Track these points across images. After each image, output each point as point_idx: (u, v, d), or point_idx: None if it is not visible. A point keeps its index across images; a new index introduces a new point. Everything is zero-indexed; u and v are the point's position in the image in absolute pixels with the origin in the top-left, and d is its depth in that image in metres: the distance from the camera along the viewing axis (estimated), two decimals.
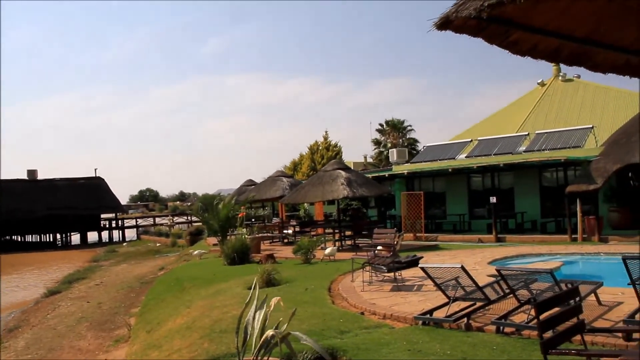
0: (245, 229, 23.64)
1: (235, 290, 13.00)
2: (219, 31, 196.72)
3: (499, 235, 21.80)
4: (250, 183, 33.51)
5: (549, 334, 4.22)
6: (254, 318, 4.33)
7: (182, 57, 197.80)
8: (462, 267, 8.37)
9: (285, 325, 4.37)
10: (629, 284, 7.75)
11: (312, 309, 10.16)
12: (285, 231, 26.35)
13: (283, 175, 28.68)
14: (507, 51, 3.48)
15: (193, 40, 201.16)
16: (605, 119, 27.58)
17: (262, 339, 3.97)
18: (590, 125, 24.91)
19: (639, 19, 3.83)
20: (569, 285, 8.13)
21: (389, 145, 48.10)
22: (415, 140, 51.93)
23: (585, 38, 3.72)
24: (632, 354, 3.25)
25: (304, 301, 10.90)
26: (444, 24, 2.94)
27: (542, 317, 4.27)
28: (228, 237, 21.61)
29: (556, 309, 4.83)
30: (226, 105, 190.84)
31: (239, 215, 22.52)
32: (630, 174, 20.51)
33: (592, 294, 8.96)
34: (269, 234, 27.05)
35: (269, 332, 3.96)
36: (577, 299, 7.48)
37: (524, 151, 24.63)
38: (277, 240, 26.38)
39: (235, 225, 22.24)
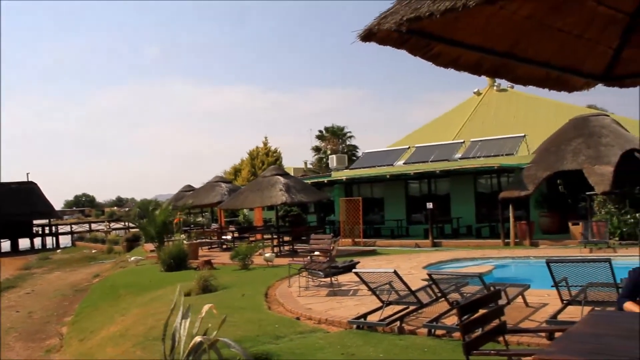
0: (183, 235, 23.35)
1: (171, 297, 12.73)
2: (159, 37, 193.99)
3: (435, 240, 22.25)
4: (189, 188, 33.12)
5: (475, 334, 4.38)
6: (181, 325, 4.31)
7: (121, 62, 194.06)
8: (395, 272, 8.52)
9: (215, 331, 4.37)
10: (552, 286, 8.07)
11: (248, 314, 10.15)
12: (224, 237, 26.16)
13: (222, 180, 28.50)
14: (430, 63, 3.61)
15: (133, 46, 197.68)
16: (537, 128, 28.47)
17: (190, 346, 3.96)
18: (523, 134, 25.74)
19: (555, 35, 4.04)
20: (498, 288, 8.39)
21: (329, 151, 48.44)
22: (355, 147, 52.51)
23: (505, 52, 3.88)
24: (546, 352, 3.40)
25: (241, 307, 10.88)
26: (368, 35, 3.01)
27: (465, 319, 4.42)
28: (165, 244, 21.30)
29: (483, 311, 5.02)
30: (167, 110, 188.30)
31: (175, 221, 22.20)
32: (559, 181, 21.29)
33: (520, 296, 9.28)
34: (207, 240, 26.79)
35: (197, 339, 3.95)
36: (500, 301, 7.75)
37: (460, 158, 25.24)
38: (216, 246, 26.15)
39: (172, 231, 21.94)
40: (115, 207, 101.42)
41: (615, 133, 21.42)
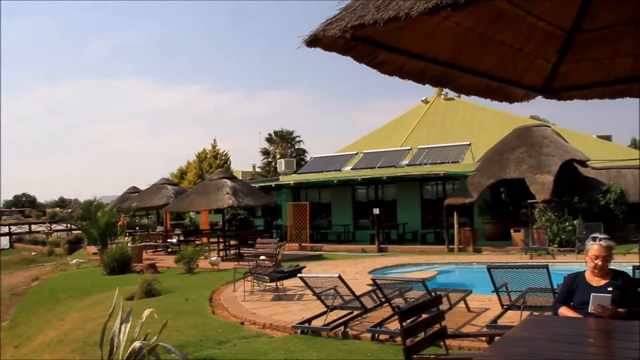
0: (128, 238, 22.91)
1: (113, 301, 12.55)
2: (104, 33, 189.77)
3: (381, 246, 22.48)
4: (134, 190, 32.51)
5: (417, 339, 4.45)
6: (120, 329, 4.23)
7: (64, 57, 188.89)
8: (340, 277, 8.57)
9: (156, 336, 4.31)
10: (492, 292, 8.26)
11: (191, 319, 10.03)
12: (169, 240, 25.80)
13: (168, 183, 28.09)
14: (376, 70, 3.66)
15: (76, 41, 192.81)
16: (482, 137, 29.13)
17: (128, 351, 3.89)
18: (468, 142, 26.30)
19: (496, 48, 4.16)
20: (440, 293, 8.53)
21: (278, 155, 48.40)
22: (304, 151, 52.63)
23: (448, 62, 3.96)
24: (482, 356, 3.49)
25: (184, 311, 10.75)
26: (313, 41, 3.03)
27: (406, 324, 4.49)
28: (109, 246, 20.85)
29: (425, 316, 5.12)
30: (112, 109, 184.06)
31: (119, 223, 21.76)
32: (502, 189, 21.82)
33: (462, 301, 9.47)
34: (152, 243, 26.36)
35: (136, 344, 3.89)
36: (441, 306, 7.88)
37: (407, 165, 25.61)
38: (161, 249, 25.76)
39: (116, 233, 21.49)
40: (58, 208, 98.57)
41: (555, 143, 22.11)
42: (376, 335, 8.01)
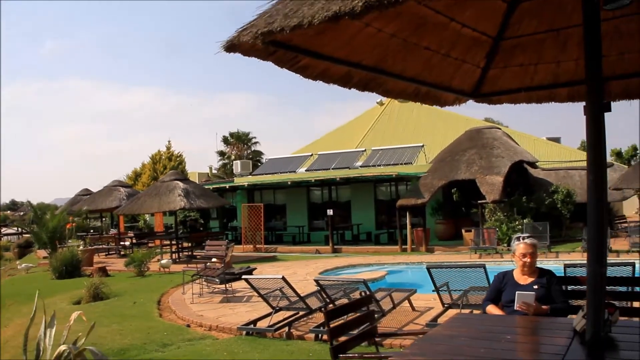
0: (81, 241, 22.50)
1: (59, 305, 12.38)
2: (57, 32, 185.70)
3: (335, 247, 22.63)
4: (86, 192, 31.94)
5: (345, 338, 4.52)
6: (45, 334, 4.19)
7: (15, 57, 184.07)
8: (284, 278, 8.62)
9: (83, 339, 4.28)
10: (433, 291, 8.42)
11: (137, 322, 9.96)
12: (122, 243, 25.43)
13: (121, 184, 27.66)
14: (299, 75, 3.71)
15: (29, 41, 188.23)
16: (436, 138, 29.57)
17: (54, 355, 3.86)
18: (421, 144, 26.65)
19: (421, 53, 4.25)
20: (368, 294, 8.66)
21: (234, 157, 48.19)
22: (260, 153, 52.50)
23: (373, 67, 4.03)
24: (401, 354, 3.58)
25: (130, 315, 10.67)
26: (231, 47, 3.07)
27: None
28: (59, 250, 20.44)
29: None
30: (65, 110, 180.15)
31: (67, 226, 21.36)
32: (453, 190, 22.18)
33: (407, 300, 9.62)
34: (104, 246, 25.93)
35: (62, 348, 3.86)
36: (372, 306, 8.01)
37: (360, 166, 25.81)
38: (114, 252, 25.37)
39: (66, 236, 21.08)
40: (9, 211, 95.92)
41: (505, 145, 22.59)
42: (319, 335, 8.08)
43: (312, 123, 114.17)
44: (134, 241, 24.26)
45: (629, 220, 21.07)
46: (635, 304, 5.92)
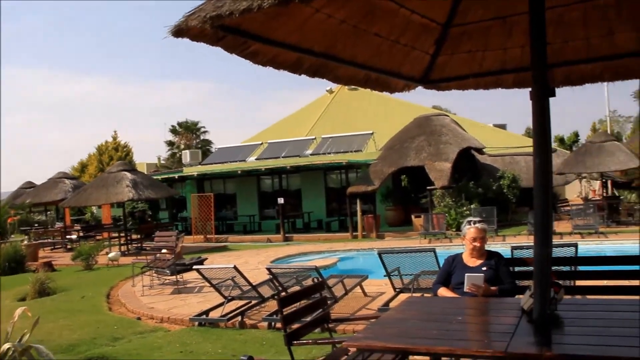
0: (25, 236, 21.85)
1: (2, 303, 11.99)
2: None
3: (286, 235, 22.63)
4: (29, 185, 31.04)
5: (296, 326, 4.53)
6: None
7: None
8: (235, 267, 8.58)
9: (27, 336, 4.15)
10: (385, 276, 8.52)
11: (86, 317, 9.76)
12: (68, 236, 24.79)
13: (66, 177, 26.97)
14: (249, 61, 3.67)
15: None
16: (385, 126, 29.79)
17: None
18: (371, 132, 26.82)
19: (371, 40, 4.25)
20: (320, 280, 8.72)
21: (183, 146, 47.59)
22: (210, 142, 52.05)
23: (323, 53, 4.01)
24: (354, 338, 3.61)
25: (79, 310, 10.45)
26: (179, 32, 3.00)
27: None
28: (2, 245, 19.80)
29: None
30: (7, 100, 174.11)
31: (9, 220, 20.71)
32: (403, 176, 22.45)
33: (359, 286, 9.70)
34: (49, 240, 25.25)
35: (6, 346, 3.73)
36: (336, 292, 8.09)
37: (311, 154, 25.85)
38: (60, 246, 24.71)
39: (7, 231, 20.42)
40: None
41: (453, 132, 22.98)
42: (272, 323, 8.08)
43: (261, 112, 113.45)
44: (81, 234, 23.70)
45: (571, 204, 21.72)
46: (578, 283, 6.12)
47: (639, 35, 4.29)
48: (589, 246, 14.34)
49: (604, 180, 23.04)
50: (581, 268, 6.32)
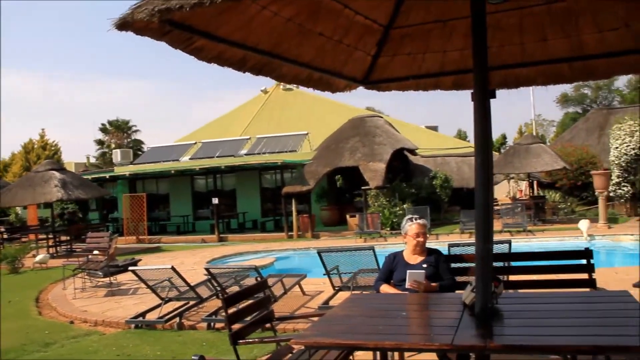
0: None
1: None
2: None
3: (221, 235, 22.44)
4: None
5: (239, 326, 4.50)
6: None
7: None
8: (173, 268, 8.44)
9: None
10: (324, 274, 8.57)
11: (14, 323, 9.41)
12: None
13: None
14: (193, 57, 3.63)
15: None
16: (320, 126, 29.94)
17: None
18: (306, 132, 26.89)
19: (315, 39, 4.28)
20: (263, 279, 8.71)
21: (113, 146, 46.40)
22: (141, 142, 50.95)
23: (269, 51, 4.01)
24: (301, 336, 3.62)
25: (6, 315, 10.04)
26: (124, 24, 2.92)
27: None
28: None
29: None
30: None
31: None
32: (337, 177, 22.63)
33: (297, 285, 9.73)
34: None
35: None
36: (275, 291, 8.08)
37: (245, 154, 25.70)
38: None
39: None
40: None
41: (387, 133, 23.35)
42: (212, 324, 8.00)
43: (193, 112, 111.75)
44: (5, 236, 22.74)
45: (500, 203, 22.43)
46: (512, 277, 6.34)
47: (570, 41, 4.48)
48: (518, 244, 14.83)
49: (530, 180, 23.89)
50: (514, 264, 6.57)
